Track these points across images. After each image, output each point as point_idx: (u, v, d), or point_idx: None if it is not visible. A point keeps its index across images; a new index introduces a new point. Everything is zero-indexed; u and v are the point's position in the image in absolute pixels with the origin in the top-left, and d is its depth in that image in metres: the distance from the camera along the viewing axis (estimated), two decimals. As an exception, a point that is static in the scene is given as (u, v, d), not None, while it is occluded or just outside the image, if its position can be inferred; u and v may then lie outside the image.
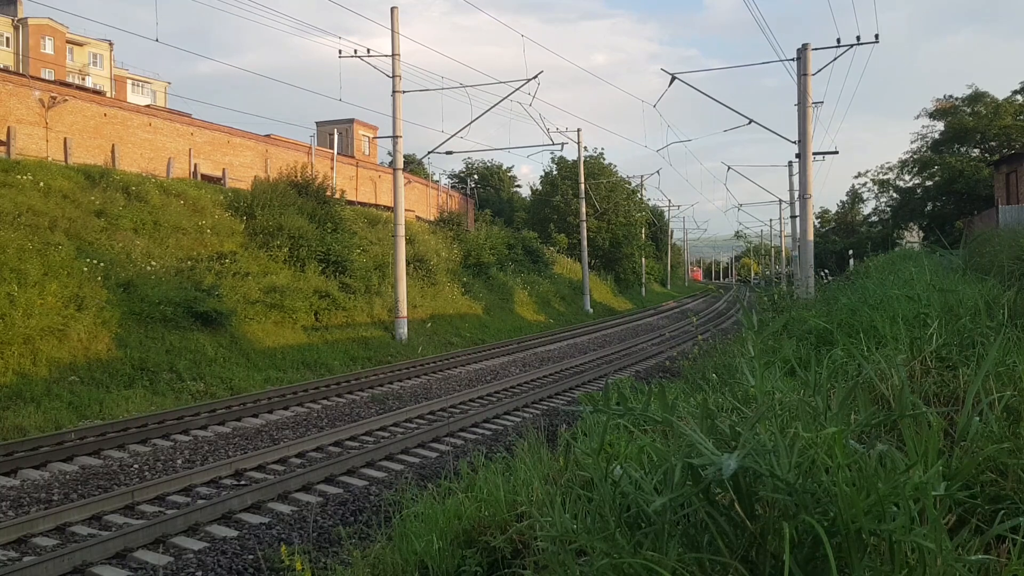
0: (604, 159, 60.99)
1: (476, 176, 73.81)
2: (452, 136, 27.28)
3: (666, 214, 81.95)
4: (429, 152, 30.38)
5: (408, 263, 26.84)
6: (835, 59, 22.34)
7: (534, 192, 66.02)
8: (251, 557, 7.04)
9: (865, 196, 62.09)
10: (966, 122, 47.36)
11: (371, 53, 24.40)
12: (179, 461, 10.45)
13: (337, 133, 44.78)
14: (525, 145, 69.90)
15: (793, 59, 22.60)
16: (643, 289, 65.20)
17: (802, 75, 22.02)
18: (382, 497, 8.51)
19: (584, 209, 47.54)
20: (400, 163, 25.50)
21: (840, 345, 4.73)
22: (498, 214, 60.73)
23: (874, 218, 60.34)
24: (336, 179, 36.52)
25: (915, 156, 51.62)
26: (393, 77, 24.24)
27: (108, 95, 43.57)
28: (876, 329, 5.25)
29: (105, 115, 28.63)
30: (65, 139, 26.27)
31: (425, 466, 10.29)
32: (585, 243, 46.38)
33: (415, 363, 20.18)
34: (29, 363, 14.05)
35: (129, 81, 67.27)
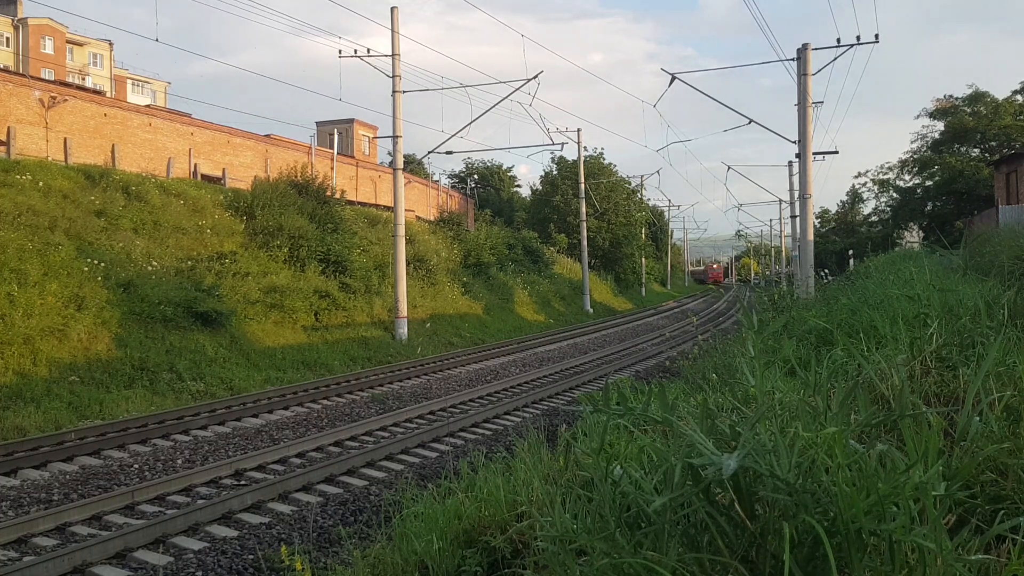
0: (604, 159, 60.97)
1: (476, 176, 73.79)
2: (452, 136, 27.32)
3: (666, 214, 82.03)
4: (429, 152, 30.41)
5: (408, 263, 26.84)
6: (835, 59, 22.37)
7: (534, 192, 66.02)
8: (251, 557, 7.04)
9: (865, 196, 62.11)
10: (966, 122, 47.35)
11: (371, 53, 24.42)
12: (179, 461, 10.45)
13: (337, 133, 44.75)
14: (525, 145, 69.99)
15: (793, 59, 22.60)
16: (643, 289, 65.22)
17: (802, 75, 22.02)
18: (382, 497, 8.51)
19: (584, 209, 47.55)
20: (400, 163, 25.50)
21: (840, 345, 4.73)
22: (498, 214, 60.67)
23: (874, 218, 60.32)
24: (336, 179, 36.50)
25: (915, 156, 51.61)
26: (393, 77, 24.24)
27: (108, 95, 43.55)
28: (876, 329, 5.25)
29: (105, 115, 28.61)
30: (65, 139, 26.26)
31: (425, 466, 10.29)
32: (585, 243, 46.38)
33: (415, 363, 20.18)
34: (29, 363, 14.05)
35: (129, 81, 67.26)
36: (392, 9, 24.04)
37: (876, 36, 21.76)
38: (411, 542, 4.82)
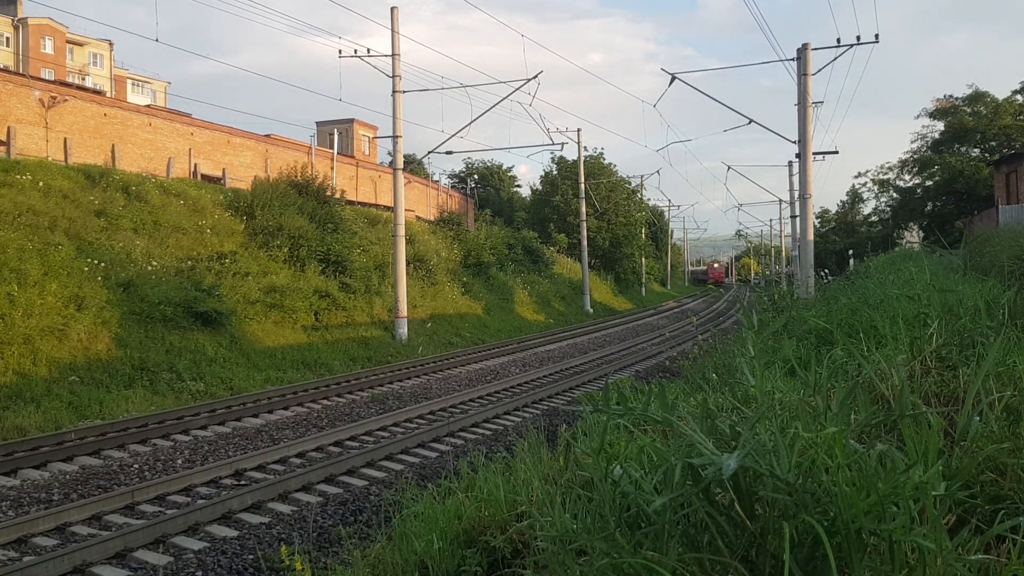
0: (604, 159, 60.99)
1: (476, 176, 73.78)
2: (452, 136, 27.30)
3: (666, 214, 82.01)
4: (429, 152, 30.40)
5: (408, 263, 26.84)
6: (835, 59, 22.37)
7: (534, 192, 66.02)
8: (251, 557, 7.04)
9: (865, 196, 62.17)
10: (966, 122, 47.34)
11: (371, 53, 24.42)
12: (179, 461, 10.45)
13: (337, 133, 44.76)
14: (525, 145, 69.90)
15: (793, 59, 22.60)
16: (643, 289, 65.22)
17: (802, 75, 22.02)
18: (382, 497, 8.52)
19: (584, 209, 47.55)
20: (400, 163, 25.50)
21: (840, 345, 4.72)
22: (498, 214, 60.70)
23: (874, 218, 60.35)
24: (336, 179, 36.51)
25: (915, 156, 51.62)
26: (393, 77, 24.24)
27: (108, 95, 43.55)
28: (876, 329, 5.25)
29: (105, 115, 28.61)
30: (65, 139, 26.26)
31: (425, 466, 10.29)
32: (585, 243, 46.37)
33: (415, 363, 20.18)
34: (29, 363, 14.05)
35: (129, 81, 67.27)
36: (392, 9, 24.04)
37: (876, 36, 21.77)
38: (411, 542, 4.82)
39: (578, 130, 43.38)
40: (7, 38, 59.72)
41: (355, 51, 24.48)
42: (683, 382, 8.80)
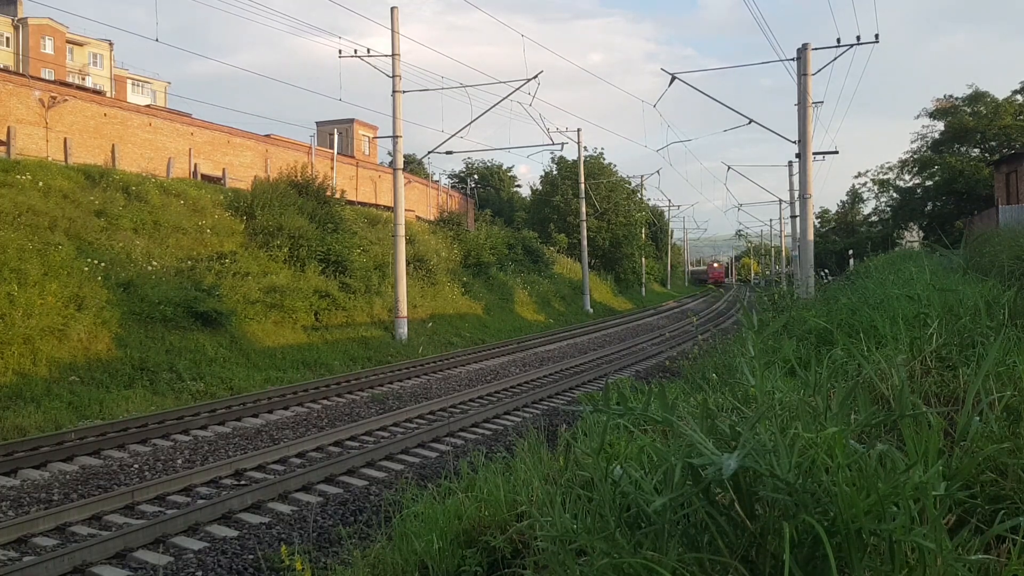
0: (604, 159, 60.99)
1: (476, 176, 73.79)
2: (452, 136, 27.30)
3: (666, 214, 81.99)
4: (429, 152, 30.40)
5: (408, 263, 26.83)
6: (835, 59, 22.38)
7: (534, 192, 66.03)
8: (251, 557, 7.04)
9: (865, 196, 62.25)
10: (966, 122, 47.35)
11: (371, 53, 24.42)
12: (179, 461, 10.45)
13: (337, 133, 44.75)
14: (525, 145, 69.85)
15: (793, 59, 22.60)
16: (643, 289, 65.22)
17: (802, 75, 22.02)
18: (382, 497, 8.51)
19: (584, 209, 47.55)
20: (400, 163, 25.50)
21: (840, 345, 4.72)
22: (498, 214, 60.72)
23: (874, 218, 60.39)
24: (336, 179, 36.50)
25: (915, 156, 51.64)
26: (393, 77, 24.24)
27: (108, 95, 43.54)
28: (876, 329, 5.25)
29: (105, 115, 28.61)
30: (65, 139, 26.26)
31: (425, 466, 10.29)
32: (585, 243, 46.38)
33: (415, 363, 20.18)
34: (29, 363, 14.05)
35: (129, 81, 67.27)
36: (392, 9, 24.04)
37: (876, 36, 21.78)
38: (411, 542, 4.82)
39: (578, 130, 43.43)
40: (7, 38, 59.73)
41: (355, 51, 24.49)
42: (683, 382, 8.80)
